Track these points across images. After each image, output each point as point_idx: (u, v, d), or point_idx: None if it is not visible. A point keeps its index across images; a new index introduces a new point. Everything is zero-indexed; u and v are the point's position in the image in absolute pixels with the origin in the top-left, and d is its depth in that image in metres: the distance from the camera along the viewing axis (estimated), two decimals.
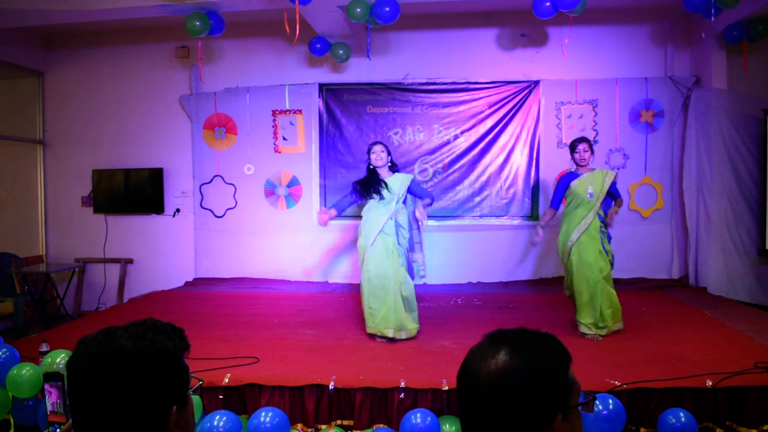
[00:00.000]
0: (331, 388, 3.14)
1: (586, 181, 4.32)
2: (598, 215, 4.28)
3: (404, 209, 4.40)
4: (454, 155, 6.34)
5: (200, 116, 6.63)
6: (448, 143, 6.37)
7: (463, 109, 6.34)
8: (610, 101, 6.18)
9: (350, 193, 4.49)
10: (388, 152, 4.42)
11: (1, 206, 6.84)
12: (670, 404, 2.98)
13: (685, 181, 6.07)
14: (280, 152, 6.56)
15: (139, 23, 6.31)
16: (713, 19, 4.69)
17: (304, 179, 6.53)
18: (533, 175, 6.28)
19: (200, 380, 1.18)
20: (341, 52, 6.07)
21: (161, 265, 6.78)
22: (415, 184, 4.52)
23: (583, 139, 4.38)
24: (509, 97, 6.29)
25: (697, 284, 5.96)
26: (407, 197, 4.45)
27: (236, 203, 6.62)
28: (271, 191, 6.59)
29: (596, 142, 6.14)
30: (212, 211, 6.67)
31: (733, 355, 3.47)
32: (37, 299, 6.15)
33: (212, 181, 6.65)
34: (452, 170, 6.34)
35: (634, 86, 6.14)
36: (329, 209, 4.63)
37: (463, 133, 6.34)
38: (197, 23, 5.30)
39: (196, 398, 1.09)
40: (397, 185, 4.35)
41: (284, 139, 6.56)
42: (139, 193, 6.74)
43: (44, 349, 3.26)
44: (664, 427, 2.83)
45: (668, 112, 6.13)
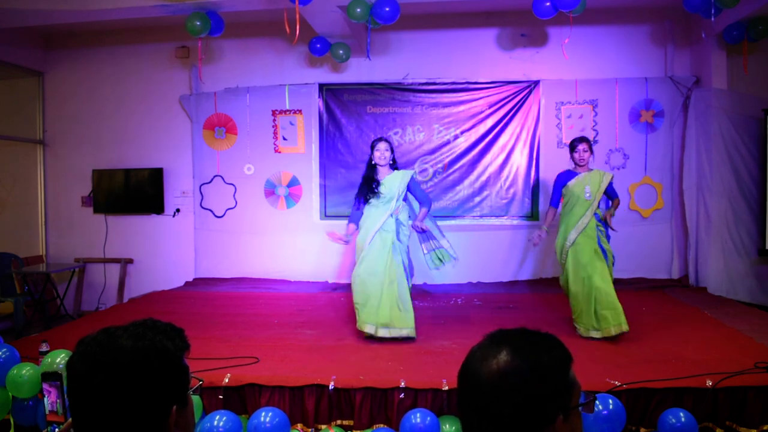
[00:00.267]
0: (331, 388, 3.14)
1: (583, 180, 4.33)
2: (595, 215, 4.29)
3: (405, 206, 4.40)
4: (454, 155, 6.34)
5: (200, 116, 6.63)
6: (448, 143, 6.37)
7: (463, 109, 6.34)
8: (610, 101, 6.18)
9: (355, 201, 4.47)
10: (391, 150, 4.40)
11: (1, 206, 6.84)
12: (670, 404, 2.98)
13: (685, 181, 6.07)
14: (280, 152, 6.56)
15: (139, 23, 6.31)
16: (713, 19, 4.69)
17: (304, 179, 6.53)
18: (533, 175, 6.28)
19: (200, 380, 1.18)
20: (341, 52, 6.07)
21: (161, 265, 6.78)
22: (414, 182, 4.51)
23: (583, 138, 4.39)
24: (509, 97, 6.29)
25: (697, 284, 5.96)
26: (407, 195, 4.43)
27: (236, 203, 6.62)
28: (271, 191, 6.59)
29: (596, 142, 6.14)
30: (212, 211, 6.67)
31: (733, 355, 3.47)
32: (37, 299, 6.15)
33: (212, 181, 6.65)
34: (452, 170, 6.34)
35: (634, 86, 6.14)
36: (348, 224, 4.52)
37: (463, 133, 6.34)
38: (197, 23, 5.30)
39: (196, 398, 1.09)
40: (396, 183, 4.32)
41: (284, 139, 6.56)
42: (139, 193, 6.73)
43: (44, 349, 3.26)
44: (664, 427, 2.83)
45: (668, 112, 6.13)
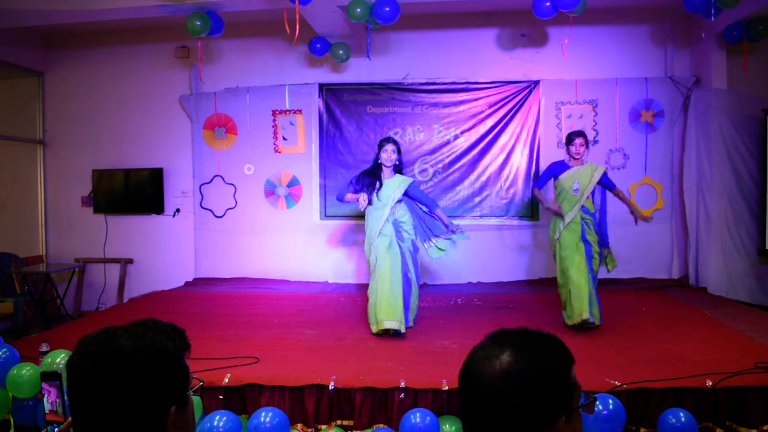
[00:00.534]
0: (331, 388, 3.14)
1: (574, 174, 4.50)
2: (583, 207, 4.46)
3: (401, 205, 4.49)
4: (454, 155, 6.34)
5: (200, 116, 6.63)
6: (448, 143, 6.37)
7: (463, 109, 6.34)
8: (610, 101, 6.18)
9: (353, 179, 4.63)
10: (398, 152, 4.52)
11: (1, 206, 6.84)
12: (670, 404, 2.98)
13: (685, 181, 6.07)
14: (280, 152, 6.56)
15: (139, 23, 6.31)
16: (713, 19, 4.69)
17: (304, 179, 6.53)
18: (533, 175, 6.28)
19: (201, 381, 1.18)
20: (341, 52, 6.07)
21: (161, 265, 6.78)
22: (415, 188, 4.59)
23: (580, 133, 4.55)
24: (509, 97, 6.29)
25: (697, 284, 5.96)
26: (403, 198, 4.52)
27: (236, 203, 6.62)
28: (271, 191, 6.59)
29: (596, 142, 6.15)
30: (212, 211, 6.67)
31: (733, 355, 3.46)
32: (37, 299, 6.15)
33: (212, 181, 6.65)
34: (452, 170, 6.34)
35: (634, 86, 6.14)
36: (344, 199, 4.67)
37: (463, 133, 6.34)
38: (198, 23, 5.30)
39: (196, 398, 1.09)
40: (392, 189, 4.43)
41: (284, 139, 6.56)
42: (139, 193, 6.74)
43: (44, 349, 3.26)
44: (664, 427, 2.83)
45: (668, 112, 6.13)
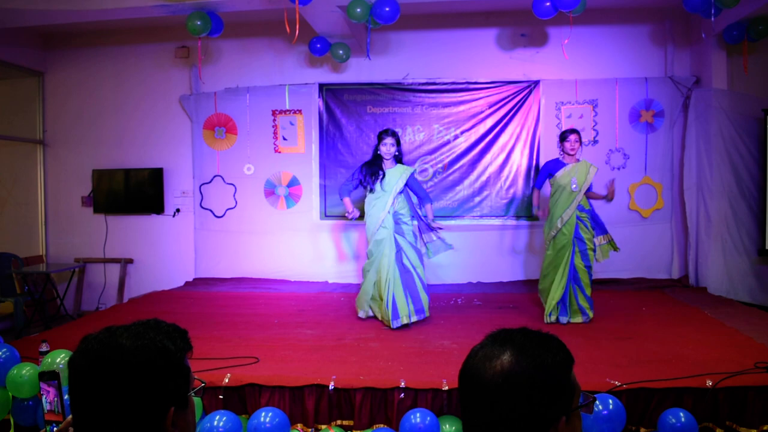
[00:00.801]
0: (331, 388, 3.14)
1: (571, 171, 4.59)
2: (579, 206, 4.55)
3: (401, 197, 4.60)
4: (454, 155, 6.34)
5: (200, 116, 6.63)
6: (448, 143, 6.37)
7: (463, 109, 6.34)
8: (610, 101, 6.18)
9: (355, 172, 4.71)
10: (397, 143, 4.62)
11: (1, 206, 6.84)
12: (670, 404, 2.98)
13: (685, 181, 6.07)
14: (280, 152, 6.56)
15: (139, 23, 6.31)
16: (713, 19, 4.69)
17: (304, 179, 6.53)
18: (533, 175, 6.28)
19: (202, 382, 1.18)
20: (341, 52, 6.07)
21: (161, 265, 6.78)
22: (413, 179, 4.74)
23: (574, 130, 4.67)
24: (509, 97, 6.29)
25: (697, 284, 5.96)
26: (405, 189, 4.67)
27: (236, 203, 6.62)
28: (271, 191, 6.59)
29: (596, 142, 6.15)
30: (212, 211, 6.67)
31: (733, 355, 3.46)
32: (37, 299, 6.15)
33: (212, 181, 6.65)
34: (452, 170, 6.34)
35: (634, 86, 6.14)
36: (342, 199, 4.80)
37: (463, 133, 6.34)
38: (198, 23, 5.30)
39: (196, 399, 1.09)
40: (395, 178, 4.55)
41: (284, 139, 6.56)
42: (139, 193, 6.74)
43: (44, 349, 3.26)
44: (664, 427, 2.83)
45: (668, 112, 6.13)
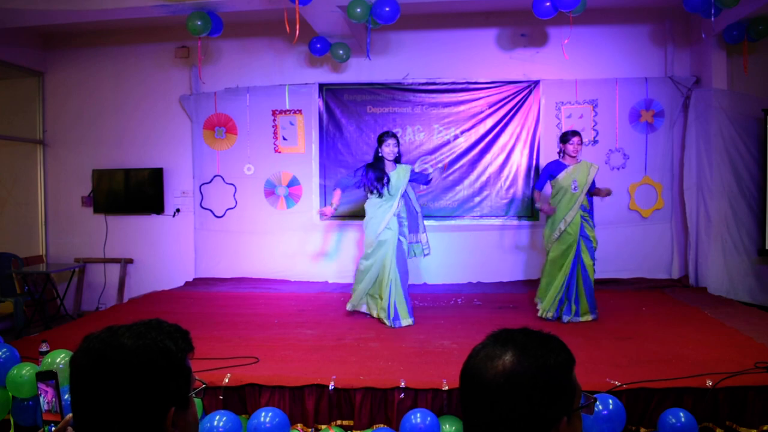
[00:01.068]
0: (331, 388, 3.14)
1: (572, 173, 4.61)
2: (581, 206, 4.58)
3: (402, 200, 4.67)
4: (454, 155, 6.34)
5: (200, 116, 6.63)
6: (448, 143, 6.37)
7: (463, 109, 6.34)
8: (610, 101, 6.18)
9: (357, 173, 4.70)
10: (398, 144, 4.69)
11: (1, 206, 6.84)
12: (670, 404, 2.98)
13: (685, 181, 6.07)
14: (280, 152, 6.56)
15: (139, 23, 6.31)
16: (713, 19, 4.69)
17: (304, 179, 6.53)
18: (533, 175, 6.28)
19: (203, 383, 1.18)
20: (341, 52, 6.07)
21: (161, 265, 6.78)
22: (414, 173, 4.84)
23: (576, 132, 4.69)
24: (509, 97, 6.29)
25: (697, 284, 5.96)
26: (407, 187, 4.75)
27: (236, 203, 6.62)
28: (271, 191, 6.59)
29: (596, 142, 6.15)
30: (212, 211, 6.67)
31: (733, 355, 3.46)
32: (37, 299, 6.15)
33: (212, 181, 6.65)
34: (452, 170, 6.34)
35: (634, 86, 6.14)
36: (335, 189, 4.82)
37: (463, 133, 6.34)
38: (198, 23, 5.30)
39: (196, 400, 1.10)
40: (400, 179, 4.63)
41: (284, 139, 6.56)
42: (139, 193, 6.74)
43: (44, 349, 3.26)
44: (664, 427, 2.83)
45: (668, 112, 6.13)
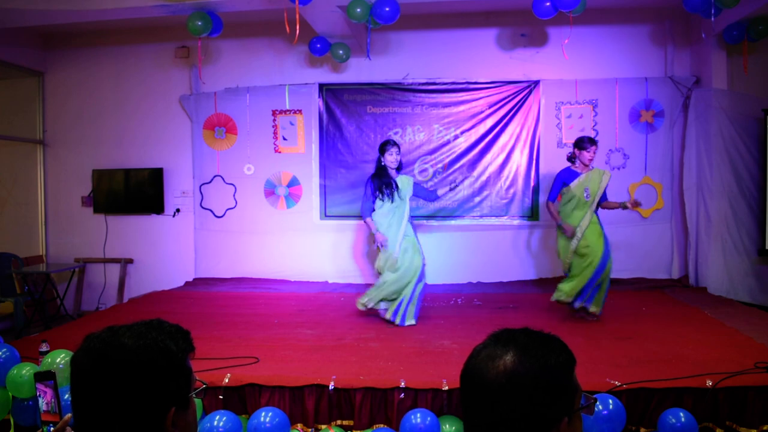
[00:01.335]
0: (331, 388, 3.14)
1: (584, 181, 4.55)
2: (595, 213, 4.57)
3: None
4: (454, 155, 6.34)
5: (200, 116, 6.63)
6: (448, 143, 6.37)
7: (463, 109, 6.34)
8: (610, 101, 6.18)
9: (369, 189, 4.67)
10: (399, 152, 4.71)
11: (1, 206, 6.84)
12: (670, 404, 2.98)
13: (685, 181, 6.07)
14: (280, 152, 6.56)
15: (139, 23, 6.31)
16: (713, 19, 4.69)
17: (304, 179, 6.53)
18: (533, 175, 6.28)
19: (203, 383, 1.18)
20: (341, 52, 6.07)
21: (161, 265, 6.78)
22: (417, 186, 4.85)
23: (594, 141, 4.63)
24: (509, 97, 6.29)
25: (697, 284, 5.96)
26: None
27: (236, 203, 6.62)
28: (271, 191, 6.59)
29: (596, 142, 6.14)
30: (212, 211, 6.67)
31: (733, 355, 3.46)
32: (37, 299, 6.15)
33: (212, 181, 6.65)
34: (452, 170, 6.33)
35: (634, 86, 6.14)
36: (366, 219, 4.71)
37: (463, 133, 6.34)
38: (199, 23, 5.30)
39: (196, 400, 1.10)
40: (406, 187, 4.66)
41: (284, 139, 6.56)
42: (139, 193, 6.74)
43: (44, 349, 3.26)
44: (664, 427, 2.83)
45: (668, 112, 6.13)
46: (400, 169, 4.77)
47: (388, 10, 4.99)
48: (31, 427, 3.26)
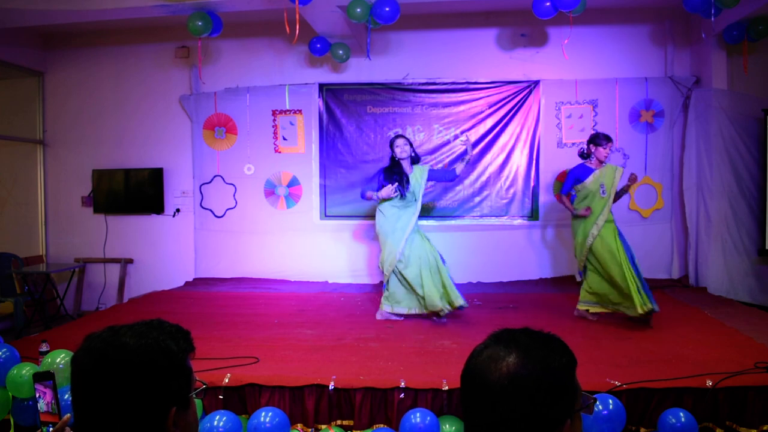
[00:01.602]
0: (331, 388, 3.14)
1: (599, 177, 4.52)
2: (611, 210, 4.51)
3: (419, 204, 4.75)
4: (454, 155, 6.34)
5: (200, 116, 6.63)
6: (448, 143, 6.37)
7: (463, 109, 6.34)
8: (610, 101, 6.18)
9: (377, 177, 4.68)
10: (410, 144, 4.71)
11: (1, 206, 6.84)
12: (670, 404, 2.98)
13: (685, 181, 6.07)
14: (280, 152, 6.56)
15: (139, 23, 6.31)
16: (713, 19, 4.69)
17: (304, 179, 6.53)
18: (533, 175, 6.28)
19: (203, 383, 1.18)
20: (341, 52, 6.07)
21: (161, 265, 6.78)
22: (433, 172, 4.86)
23: (610, 138, 4.57)
24: (509, 97, 6.29)
25: (697, 284, 5.96)
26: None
27: (236, 203, 6.62)
28: (271, 191, 6.59)
29: None
30: (212, 211, 6.67)
31: (733, 355, 3.46)
32: (37, 299, 6.15)
33: (212, 181, 6.65)
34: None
35: (634, 86, 6.14)
36: (366, 193, 4.70)
37: (463, 133, 6.34)
38: (199, 23, 5.30)
39: (196, 400, 1.10)
40: (418, 180, 4.66)
41: (284, 139, 6.56)
42: (139, 193, 6.74)
43: (44, 349, 3.26)
44: (664, 427, 2.83)
45: (668, 112, 6.13)
46: (417, 162, 4.77)
47: (388, 10, 4.99)
48: (31, 427, 3.26)
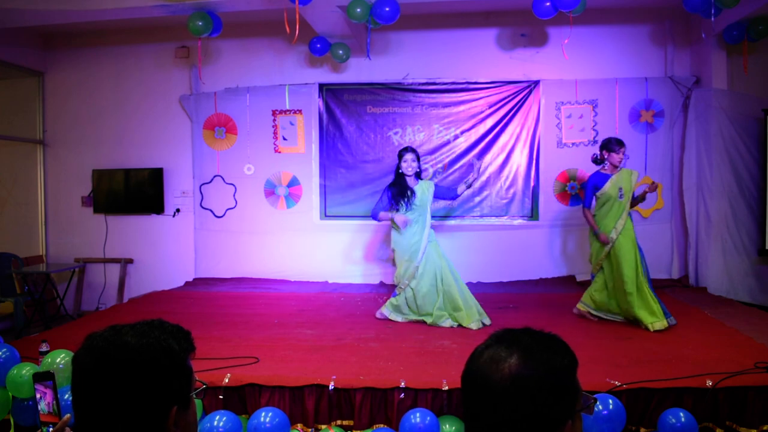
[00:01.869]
0: (331, 388, 3.13)
1: (617, 181, 4.49)
2: (629, 214, 4.48)
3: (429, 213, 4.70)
4: (454, 155, 6.34)
5: (200, 116, 6.63)
6: (448, 143, 6.37)
7: (463, 109, 6.34)
8: (610, 101, 6.18)
9: (385, 196, 4.68)
10: (417, 159, 4.68)
11: (1, 206, 6.84)
12: (670, 404, 2.98)
13: (685, 181, 6.07)
14: (280, 152, 6.56)
15: (139, 23, 6.31)
16: (713, 19, 4.69)
17: (304, 179, 6.53)
18: (533, 175, 6.27)
19: (203, 383, 1.19)
20: (341, 52, 6.07)
21: (161, 265, 6.78)
22: (438, 187, 4.81)
23: (623, 143, 4.54)
24: (509, 97, 6.29)
25: (697, 284, 5.96)
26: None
27: (236, 203, 6.62)
28: (271, 191, 6.59)
29: (596, 142, 6.13)
30: (212, 211, 6.67)
31: (733, 355, 3.46)
32: (37, 299, 6.15)
33: (212, 181, 6.65)
34: (452, 170, 6.34)
35: (634, 86, 6.14)
36: (379, 215, 4.70)
37: (463, 133, 6.34)
38: (199, 23, 5.30)
39: (196, 400, 1.11)
40: (425, 194, 4.61)
41: (284, 139, 6.56)
42: (139, 193, 6.74)
43: (44, 349, 3.26)
44: (664, 427, 2.83)
45: (668, 112, 6.13)
46: (420, 176, 4.75)
47: (388, 10, 4.99)
48: (31, 427, 3.26)
